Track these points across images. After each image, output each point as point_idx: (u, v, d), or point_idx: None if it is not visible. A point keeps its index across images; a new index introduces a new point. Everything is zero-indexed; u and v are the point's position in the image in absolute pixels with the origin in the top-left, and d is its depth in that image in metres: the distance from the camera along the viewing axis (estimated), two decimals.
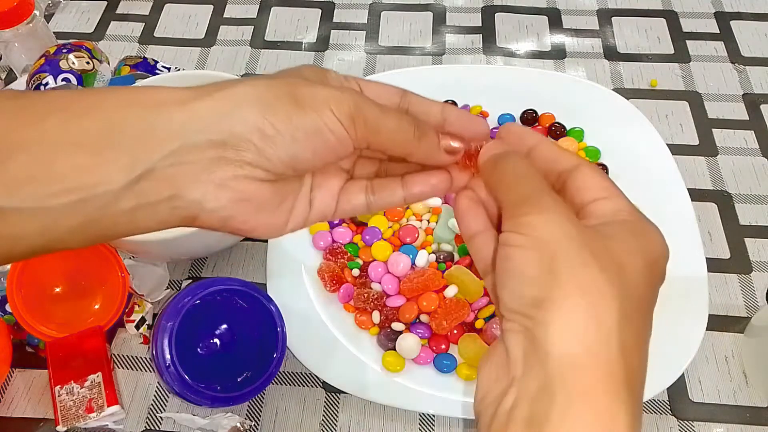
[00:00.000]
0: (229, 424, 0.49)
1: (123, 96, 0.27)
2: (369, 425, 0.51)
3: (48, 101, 0.26)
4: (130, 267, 0.55)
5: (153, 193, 0.26)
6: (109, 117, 0.26)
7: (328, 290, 0.54)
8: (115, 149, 0.25)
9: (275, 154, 0.27)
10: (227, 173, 0.26)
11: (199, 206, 0.27)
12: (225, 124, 0.26)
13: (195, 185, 0.26)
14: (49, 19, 0.79)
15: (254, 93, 0.27)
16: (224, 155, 0.26)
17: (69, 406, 0.49)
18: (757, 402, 0.51)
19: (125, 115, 0.26)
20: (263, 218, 0.29)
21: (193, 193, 0.26)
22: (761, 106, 0.69)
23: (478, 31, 0.77)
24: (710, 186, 0.63)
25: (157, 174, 0.26)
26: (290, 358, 0.51)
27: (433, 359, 0.51)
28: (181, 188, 0.26)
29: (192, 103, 0.26)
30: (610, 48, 0.75)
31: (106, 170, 0.25)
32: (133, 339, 0.55)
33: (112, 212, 0.26)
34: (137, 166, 0.25)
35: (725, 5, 0.78)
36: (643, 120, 0.62)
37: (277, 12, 0.80)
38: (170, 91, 0.27)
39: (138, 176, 0.25)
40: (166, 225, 0.27)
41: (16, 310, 0.50)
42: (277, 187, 0.28)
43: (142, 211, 0.26)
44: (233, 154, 0.26)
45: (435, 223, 0.56)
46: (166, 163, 0.26)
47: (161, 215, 0.27)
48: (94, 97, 0.27)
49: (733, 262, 0.58)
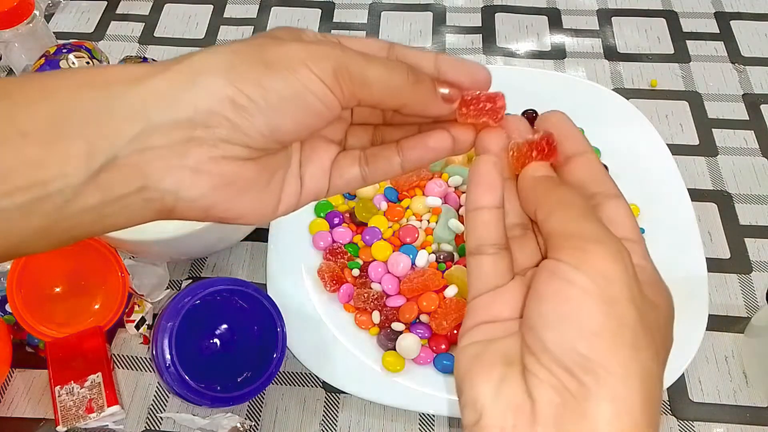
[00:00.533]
0: (229, 424, 0.49)
1: (72, 78, 0.24)
2: (369, 425, 0.51)
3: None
4: (130, 267, 0.55)
5: (119, 185, 0.23)
6: (59, 102, 0.23)
7: (328, 290, 0.54)
8: (69, 137, 0.22)
9: (252, 126, 0.23)
10: (201, 156, 0.23)
11: (175, 196, 0.24)
12: (188, 98, 0.23)
13: (167, 172, 0.23)
14: (49, 19, 0.79)
15: (217, 59, 0.24)
16: (193, 135, 0.23)
17: (69, 406, 0.49)
18: (757, 402, 0.51)
19: (76, 99, 0.23)
20: (250, 202, 0.26)
21: (166, 181, 0.23)
22: (761, 106, 0.69)
23: (478, 31, 0.77)
24: (710, 186, 0.63)
25: (121, 162, 0.23)
26: (290, 358, 0.51)
27: (433, 359, 0.51)
28: (151, 177, 0.23)
29: (149, 79, 0.23)
30: (610, 48, 0.75)
31: (61, 162, 0.22)
32: (133, 339, 0.55)
33: (74, 210, 0.23)
34: (97, 155, 0.22)
35: (725, 5, 0.78)
36: (643, 120, 0.62)
37: (277, 12, 0.80)
38: (123, 68, 0.24)
39: (100, 167, 0.23)
40: (139, 220, 0.25)
41: (16, 310, 0.50)
42: (262, 164, 0.25)
43: (110, 206, 0.23)
44: (204, 133, 0.23)
45: (435, 223, 0.56)
46: (130, 150, 0.23)
47: (132, 209, 0.24)
48: (40, 82, 0.23)
49: (733, 262, 0.58)
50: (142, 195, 0.24)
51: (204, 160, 0.23)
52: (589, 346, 0.22)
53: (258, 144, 0.24)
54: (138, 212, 0.24)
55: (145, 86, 0.23)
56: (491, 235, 0.26)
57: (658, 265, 0.26)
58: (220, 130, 0.23)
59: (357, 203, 0.57)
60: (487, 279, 0.26)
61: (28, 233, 0.23)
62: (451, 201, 0.57)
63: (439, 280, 0.52)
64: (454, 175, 0.58)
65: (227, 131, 0.23)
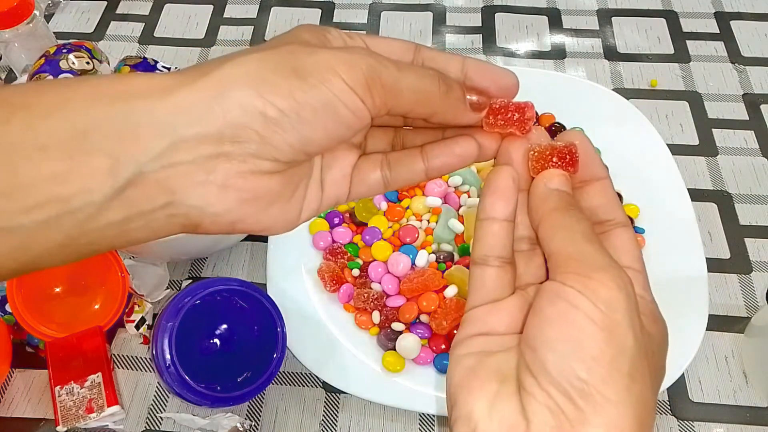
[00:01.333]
0: (229, 424, 0.49)
1: (95, 88, 0.22)
2: (369, 425, 0.51)
3: (6, 97, 0.22)
4: (130, 267, 0.55)
5: (145, 201, 0.22)
6: (81, 113, 0.22)
7: (328, 290, 0.54)
8: (92, 152, 0.21)
9: (283, 140, 0.23)
10: (229, 171, 0.23)
11: (201, 211, 0.23)
12: (217, 112, 0.22)
13: (193, 189, 0.23)
14: (49, 19, 0.79)
15: (246, 70, 0.23)
16: (221, 150, 0.22)
17: (69, 406, 0.49)
18: (757, 402, 0.51)
19: (99, 110, 0.22)
20: (276, 213, 0.25)
21: (192, 197, 0.23)
22: (761, 106, 0.69)
23: (478, 31, 0.77)
24: (710, 186, 0.63)
25: (146, 179, 0.22)
26: (290, 358, 0.51)
27: (433, 359, 0.51)
28: (177, 193, 0.23)
29: (176, 91, 0.22)
30: (610, 48, 0.75)
31: (83, 178, 0.21)
32: (133, 339, 0.55)
33: (97, 226, 0.22)
34: (122, 171, 0.22)
35: (725, 5, 0.78)
36: (643, 120, 0.62)
37: (277, 12, 0.80)
38: (148, 78, 0.23)
39: (124, 183, 0.22)
40: (164, 233, 0.24)
41: (16, 310, 0.50)
42: (288, 176, 0.25)
43: (134, 222, 0.23)
44: (232, 147, 0.22)
45: (435, 223, 0.56)
46: (156, 166, 0.22)
47: (156, 225, 0.23)
48: (61, 91, 0.22)
49: (733, 262, 0.58)
50: (168, 211, 0.23)
51: (232, 175, 0.23)
52: (588, 370, 0.22)
53: (286, 157, 0.23)
54: (163, 227, 0.24)
55: (172, 99, 0.22)
56: (498, 247, 0.26)
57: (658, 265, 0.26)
58: (250, 144, 0.23)
59: (357, 203, 0.57)
60: (487, 291, 0.26)
61: (47, 248, 0.22)
62: (451, 201, 0.57)
63: (439, 280, 0.52)
64: (454, 175, 0.58)
65: (257, 145, 0.23)
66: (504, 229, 0.26)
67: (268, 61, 0.23)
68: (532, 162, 0.27)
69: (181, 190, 0.23)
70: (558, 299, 0.23)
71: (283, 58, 0.23)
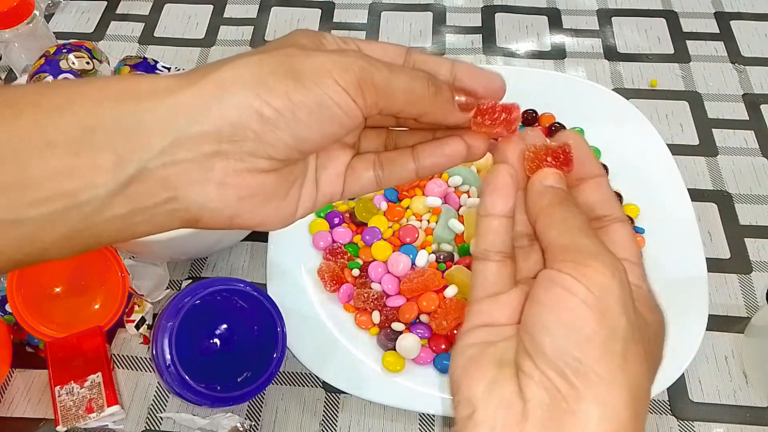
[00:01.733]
0: (229, 424, 0.49)
1: (101, 88, 0.24)
2: (369, 425, 0.51)
3: (17, 96, 0.23)
4: (130, 267, 0.55)
5: (147, 196, 0.24)
6: (88, 112, 0.23)
7: (328, 290, 0.54)
8: (98, 148, 0.23)
9: (278, 139, 0.24)
10: (227, 169, 0.24)
11: (200, 207, 0.25)
12: (216, 111, 0.23)
13: (194, 186, 0.24)
14: (49, 19, 0.79)
15: (245, 72, 0.24)
16: (220, 149, 0.24)
17: (69, 406, 0.49)
18: (757, 402, 0.51)
19: (105, 109, 0.23)
20: (273, 210, 0.26)
21: (192, 194, 0.24)
22: (761, 106, 0.69)
23: (478, 31, 0.77)
24: (710, 186, 0.63)
25: (149, 175, 0.23)
26: (290, 358, 0.51)
27: (433, 359, 0.51)
28: (179, 189, 0.24)
29: (178, 92, 0.23)
30: (610, 48, 0.75)
31: (89, 173, 0.23)
32: (133, 339, 0.55)
33: (101, 219, 0.23)
34: (126, 168, 0.23)
35: (725, 5, 0.78)
36: (643, 120, 0.62)
37: (277, 12, 0.80)
38: (152, 80, 0.24)
39: (128, 179, 0.23)
40: (166, 227, 0.25)
41: (16, 310, 0.50)
42: (284, 174, 0.26)
43: (137, 215, 0.24)
44: (231, 146, 0.24)
45: (435, 223, 0.56)
46: (158, 163, 0.23)
47: (158, 219, 0.25)
48: (69, 91, 0.23)
49: (733, 262, 0.58)
50: (169, 206, 0.24)
51: (229, 173, 0.24)
52: (581, 349, 0.23)
53: (282, 155, 0.25)
54: (164, 221, 0.25)
55: (174, 100, 0.23)
56: (498, 243, 0.27)
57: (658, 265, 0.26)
58: (247, 143, 0.24)
59: (357, 203, 0.57)
60: (489, 285, 0.27)
61: (53, 240, 0.23)
62: (451, 201, 0.57)
63: (439, 280, 0.52)
64: (454, 175, 0.58)
65: (253, 144, 0.24)
66: (504, 225, 0.27)
67: (266, 63, 0.24)
68: (527, 162, 0.28)
69: (182, 186, 0.24)
70: (554, 285, 0.24)
71: (280, 60, 0.24)
